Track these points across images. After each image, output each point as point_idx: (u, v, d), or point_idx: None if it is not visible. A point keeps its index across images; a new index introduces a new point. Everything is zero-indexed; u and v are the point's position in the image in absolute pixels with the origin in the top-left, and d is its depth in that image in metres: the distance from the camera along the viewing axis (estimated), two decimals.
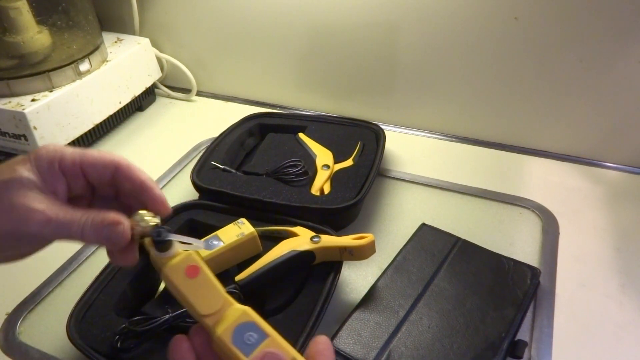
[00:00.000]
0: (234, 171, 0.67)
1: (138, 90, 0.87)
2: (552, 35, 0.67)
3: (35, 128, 0.69)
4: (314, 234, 0.53)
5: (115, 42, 0.87)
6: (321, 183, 0.64)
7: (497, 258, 0.55)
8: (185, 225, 0.59)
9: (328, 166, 0.67)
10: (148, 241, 0.33)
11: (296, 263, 0.51)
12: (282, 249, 0.52)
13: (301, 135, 0.74)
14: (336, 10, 0.76)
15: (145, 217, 0.38)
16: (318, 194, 0.62)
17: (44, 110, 0.70)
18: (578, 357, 0.48)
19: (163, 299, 0.51)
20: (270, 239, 0.55)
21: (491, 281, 0.52)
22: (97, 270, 0.52)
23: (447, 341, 0.46)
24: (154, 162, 0.77)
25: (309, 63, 0.85)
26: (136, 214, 0.38)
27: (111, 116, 0.82)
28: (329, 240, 0.52)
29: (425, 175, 0.71)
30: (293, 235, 0.55)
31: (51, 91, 0.72)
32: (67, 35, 0.76)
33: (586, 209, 0.65)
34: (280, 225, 0.57)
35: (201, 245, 0.33)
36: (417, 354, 0.45)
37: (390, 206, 0.66)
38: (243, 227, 0.53)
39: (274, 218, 0.59)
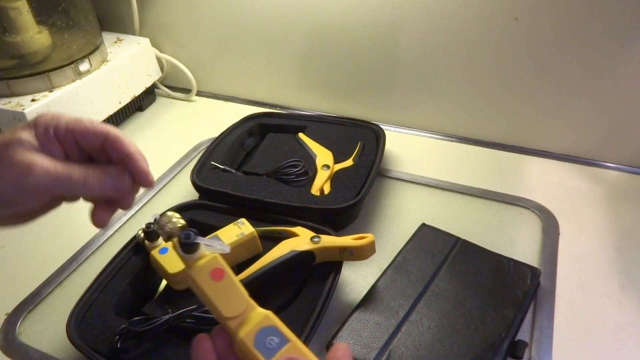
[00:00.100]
0: (234, 171, 0.67)
1: (138, 90, 0.87)
2: (552, 35, 0.67)
3: None
4: (314, 234, 0.53)
5: (115, 42, 0.87)
6: (321, 183, 0.64)
7: (497, 258, 0.55)
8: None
9: (328, 166, 0.67)
10: (174, 242, 0.33)
11: (296, 263, 0.51)
12: (282, 249, 0.52)
13: (301, 135, 0.74)
14: (336, 10, 0.76)
15: (172, 219, 0.39)
16: (318, 194, 0.62)
17: (44, 110, 0.70)
18: (578, 358, 0.48)
19: (163, 299, 0.51)
20: (270, 239, 0.55)
21: (491, 281, 0.52)
22: (97, 270, 0.52)
23: (447, 341, 0.46)
24: (154, 162, 0.75)
25: (309, 63, 0.85)
26: (164, 216, 0.39)
27: (111, 116, 0.82)
28: (329, 240, 0.52)
29: (425, 175, 0.71)
30: (293, 235, 0.55)
31: (51, 91, 0.72)
32: (67, 35, 0.76)
33: (586, 209, 0.65)
34: (280, 225, 0.57)
35: (227, 249, 0.33)
36: (417, 354, 0.45)
37: (390, 206, 0.66)
38: (243, 227, 0.53)
39: (274, 218, 0.59)
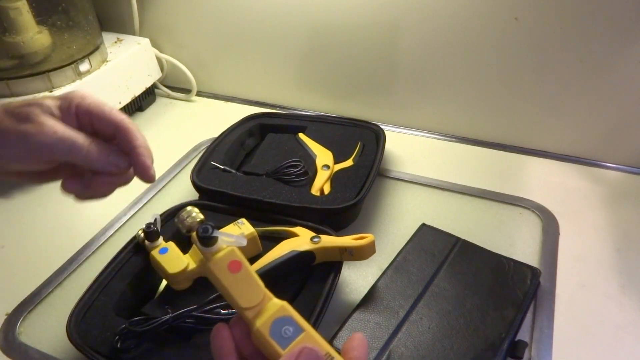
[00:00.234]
0: (234, 171, 0.67)
1: (138, 90, 0.87)
2: (552, 35, 0.67)
3: None
4: (314, 234, 0.53)
5: (115, 42, 0.87)
6: (321, 183, 0.64)
7: (497, 258, 0.55)
8: None
9: (328, 166, 0.67)
10: (194, 235, 0.35)
11: (296, 263, 0.51)
12: (282, 249, 0.52)
13: (301, 135, 0.74)
14: (336, 10, 0.76)
15: (192, 214, 0.41)
16: (318, 194, 0.62)
17: None
18: (578, 358, 0.48)
19: (163, 299, 0.51)
20: (270, 239, 0.55)
21: (491, 281, 0.52)
22: (97, 270, 0.52)
23: (447, 342, 0.46)
24: (154, 163, 0.77)
25: (309, 63, 0.84)
26: (183, 210, 0.41)
27: None
28: (329, 240, 0.52)
29: (425, 175, 0.71)
30: (293, 235, 0.55)
31: (51, 91, 0.72)
32: (67, 35, 0.76)
33: (586, 209, 0.65)
34: (280, 225, 0.57)
35: (244, 242, 0.35)
36: (417, 355, 0.45)
37: (390, 206, 0.66)
38: (243, 227, 0.53)
39: (274, 218, 0.59)
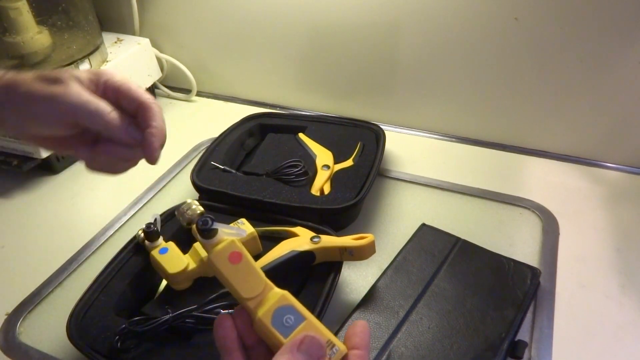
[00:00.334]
0: (234, 171, 0.67)
1: None
2: (552, 35, 0.67)
3: None
4: (314, 234, 0.53)
5: (115, 43, 0.87)
6: (321, 183, 0.64)
7: (497, 258, 0.55)
8: None
9: (328, 166, 0.67)
10: (194, 228, 0.35)
11: (296, 263, 0.51)
12: (282, 249, 0.52)
13: (301, 135, 0.74)
14: (336, 10, 0.76)
15: (192, 206, 0.42)
16: (318, 194, 0.62)
17: None
18: (578, 358, 0.48)
19: (163, 299, 0.51)
20: (270, 239, 0.55)
21: (491, 281, 0.52)
22: (97, 270, 0.52)
23: (447, 342, 0.46)
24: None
25: (309, 63, 0.84)
26: (183, 203, 0.42)
27: None
28: (329, 240, 0.52)
29: (425, 175, 0.71)
30: (293, 235, 0.55)
31: None
32: (67, 35, 0.76)
33: (586, 209, 0.65)
34: (280, 225, 0.57)
35: (244, 233, 0.35)
36: (417, 355, 0.45)
37: (390, 206, 0.66)
38: (243, 227, 0.53)
39: (274, 218, 0.59)
